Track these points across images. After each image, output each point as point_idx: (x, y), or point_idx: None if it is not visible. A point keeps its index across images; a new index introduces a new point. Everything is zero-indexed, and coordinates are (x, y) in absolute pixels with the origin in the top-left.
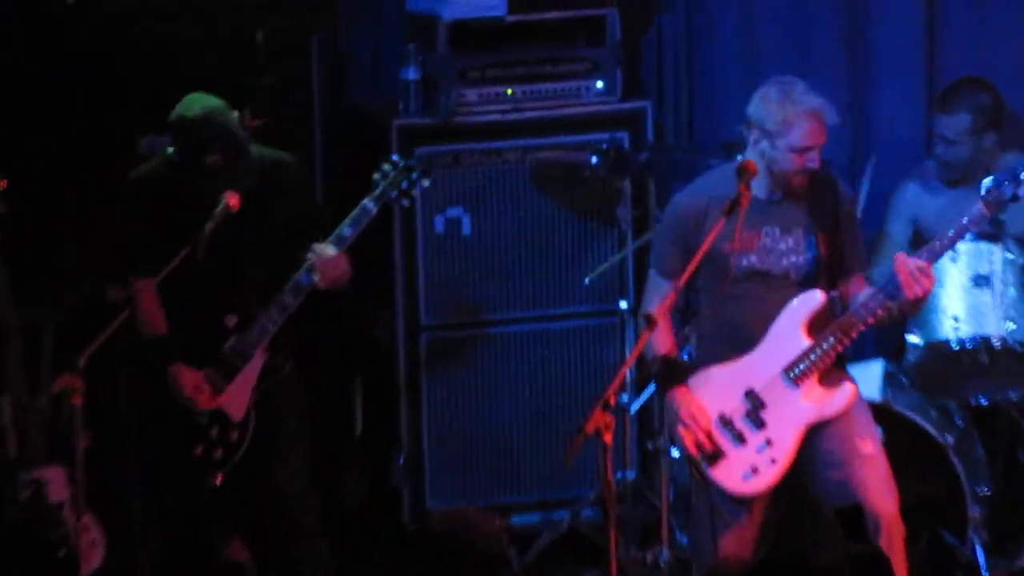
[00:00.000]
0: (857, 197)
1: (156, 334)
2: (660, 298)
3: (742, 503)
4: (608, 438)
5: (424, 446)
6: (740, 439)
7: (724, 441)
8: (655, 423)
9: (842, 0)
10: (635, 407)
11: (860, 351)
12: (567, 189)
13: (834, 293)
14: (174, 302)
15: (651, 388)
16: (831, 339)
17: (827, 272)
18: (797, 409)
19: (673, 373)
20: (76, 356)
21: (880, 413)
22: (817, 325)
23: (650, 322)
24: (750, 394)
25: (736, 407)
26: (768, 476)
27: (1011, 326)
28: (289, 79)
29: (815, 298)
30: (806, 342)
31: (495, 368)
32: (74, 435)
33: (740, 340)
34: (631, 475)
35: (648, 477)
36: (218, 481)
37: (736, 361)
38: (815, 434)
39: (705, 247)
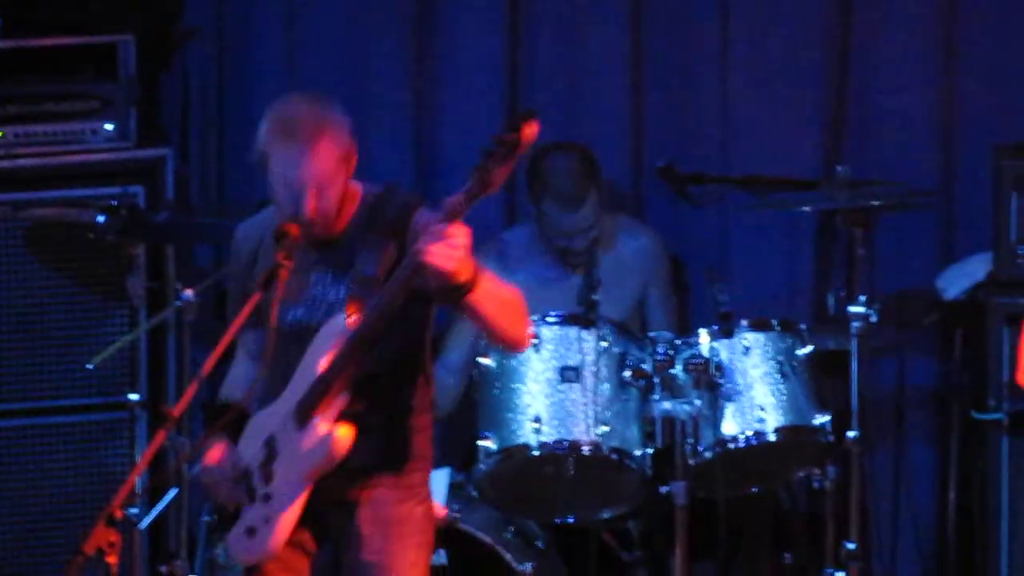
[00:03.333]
0: None
1: None
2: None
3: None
4: (113, 559)
5: None
6: (252, 496)
7: (242, 498)
8: (171, 541)
9: (409, 29)
10: (146, 522)
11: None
12: (67, 255)
13: (352, 320)
14: None
15: (167, 499)
16: (336, 363)
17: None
18: (299, 456)
19: (217, 418)
20: None
21: (444, 533)
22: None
23: (166, 419)
24: (268, 442)
25: (255, 457)
26: (264, 539)
27: (604, 429)
28: None
29: (340, 324)
30: (317, 373)
31: None
32: None
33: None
34: None
35: None
36: None
37: (271, 405)
38: (353, 551)
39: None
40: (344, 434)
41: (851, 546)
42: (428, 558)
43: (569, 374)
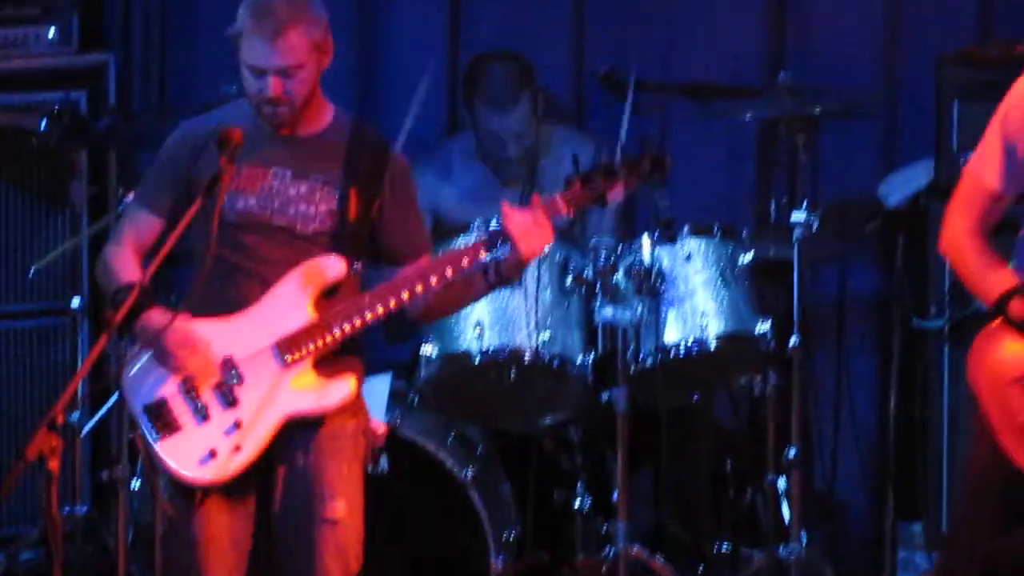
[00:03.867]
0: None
1: None
2: (135, 232)
3: (191, 501)
4: (54, 465)
5: None
6: (203, 414)
7: (184, 413)
8: (112, 447)
9: None
10: (87, 428)
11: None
12: (9, 160)
13: (358, 266)
14: None
15: (108, 404)
16: (347, 317)
17: (357, 244)
18: (282, 394)
19: (145, 299)
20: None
21: (385, 439)
22: (330, 298)
23: (108, 324)
24: (228, 363)
25: (208, 375)
26: (229, 465)
27: (545, 336)
28: None
29: (335, 265)
30: (311, 315)
31: None
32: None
33: (228, 299)
34: (82, 510)
35: (103, 512)
36: None
37: (221, 320)
38: (288, 465)
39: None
40: (355, 385)
41: (792, 453)
42: (362, 472)
43: None
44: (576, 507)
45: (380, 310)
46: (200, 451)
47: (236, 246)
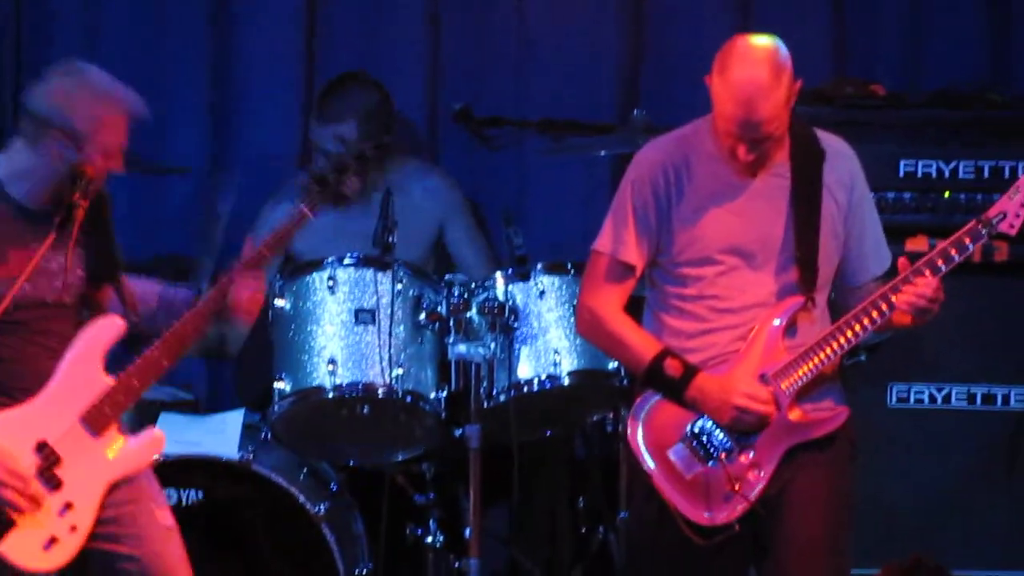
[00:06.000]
0: (219, 217)
1: None
2: None
3: None
4: None
5: None
6: (36, 502)
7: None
8: None
9: None
10: None
11: (217, 400)
12: None
13: (135, 318)
14: None
15: None
16: (141, 374)
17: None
18: (102, 465)
19: None
20: None
21: (238, 473)
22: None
23: None
24: (43, 447)
25: (28, 464)
26: (69, 546)
27: (399, 372)
28: None
29: (114, 324)
30: (107, 380)
31: None
32: None
33: (16, 387)
34: None
35: None
36: None
37: (23, 406)
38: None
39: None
40: (161, 437)
41: None
42: None
43: (364, 316)
44: (428, 543)
45: (167, 363)
46: (41, 540)
47: (19, 329)
